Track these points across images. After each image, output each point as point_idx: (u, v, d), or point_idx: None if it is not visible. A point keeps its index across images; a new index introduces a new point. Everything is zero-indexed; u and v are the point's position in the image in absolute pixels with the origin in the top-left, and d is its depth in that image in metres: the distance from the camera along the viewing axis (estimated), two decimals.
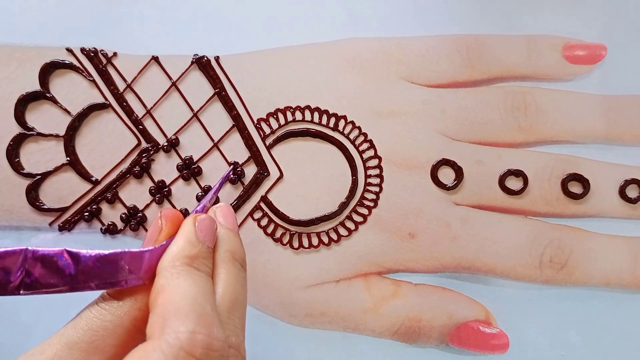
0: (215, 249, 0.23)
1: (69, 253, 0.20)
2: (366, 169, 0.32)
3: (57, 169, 0.31)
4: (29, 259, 0.20)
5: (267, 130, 0.32)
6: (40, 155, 0.31)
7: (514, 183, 0.32)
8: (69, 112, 0.31)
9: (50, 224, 0.31)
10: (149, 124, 0.31)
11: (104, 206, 0.31)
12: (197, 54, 0.32)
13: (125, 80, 0.31)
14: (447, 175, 0.32)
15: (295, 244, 0.31)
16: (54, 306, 0.27)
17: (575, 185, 0.32)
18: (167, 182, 0.31)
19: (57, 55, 0.31)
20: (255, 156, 0.32)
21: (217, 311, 0.20)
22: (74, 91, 0.31)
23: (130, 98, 0.31)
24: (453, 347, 0.31)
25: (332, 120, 0.32)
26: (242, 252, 0.24)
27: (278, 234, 0.31)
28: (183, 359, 0.18)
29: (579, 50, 0.33)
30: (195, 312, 0.19)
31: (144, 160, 0.31)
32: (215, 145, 0.31)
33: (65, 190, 0.31)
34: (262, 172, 0.32)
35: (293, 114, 0.32)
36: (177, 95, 0.32)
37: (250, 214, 0.31)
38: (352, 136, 0.32)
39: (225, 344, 0.19)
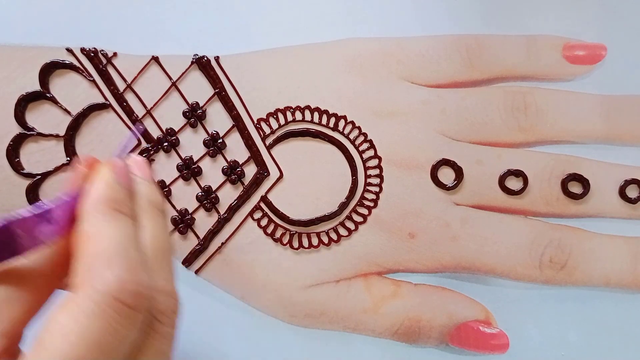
0: (134, 199, 0.23)
1: None
2: (366, 169, 0.32)
3: (57, 169, 0.31)
4: None
5: (267, 130, 0.32)
6: (40, 155, 0.31)
7: (514, 183, 0.32)
8: (69, 112, 0.31)
9: None
10: (149, 124, 0.31)
11: None
12: (197, 54, 0.32)
13: (125, 80, 0.31)
14: (447, 175, 0.32)
15: (295, 244, 0.31)
16: None
17: (575, 185, 0.32)
18: (167, 182, 0.31)
19: (57, 55, 0.31)
20: (255, 156, 0.32)
21: (144, 257, 0.20)
22: (74, 91, 0.31)
23: (130, 98, 0.31)
24: (453, 347, 0.31)
25: (332, 120, 0.32)
26: (161, 199, 0.23)
27: (278, 234, 0.31)
28: (113, 306, 0.18)
29: (579, 50, 0.33)
30: (121, 256, 0.19)
31: None
32: (215, 144, 0.31)
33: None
34: (262, 172, 0.32)
35: (293, 114, 0.32)
36: (177, 95, 0.32)
37: (250, 214, 0.31)
38: (352, 136, 0.32)
39: (153, 289, 0.19)
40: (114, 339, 0.18)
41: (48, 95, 0.31)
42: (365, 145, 0.32)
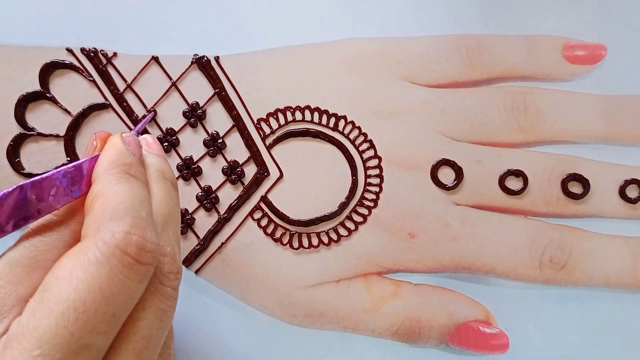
0: (145, 169, 0.24)
1: None
2: (366, 169, 0.32)
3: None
4: None
5: (267, 130, 0.32)
6: (40, 155, 0.31)
7: (514, 183, 0.32)
8: (69, 112, 0.31)
9: None
10: (149, 124, 0.31)
11: None
12: (197, 54, 0.32)
13: (125, 80, 0.31)
14: (447, 175, 0.32)
15: (295, 244, 0.31)
16: None
17: (575, 185, 0.32)
18: None
19: (57, 55, 0.31)
20: (255, 156, 0.32)
21: (152, 219, 0.21)
22: (74, 91, 0.31)
23: (130, 98, 0.31)
24: (453, 347, 0.31)
25: (332, 120, 0.32)
26: (171, 172, 0.24)
27: (278, 234, 0.31)
28: (118, 257, 0.19)
29: (579, 50, 0.33)
30: (131, 215, 0.20)
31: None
32: (215, 144, 0.31)
33: None
34: (262, 172, 0.32)
35: (293, 114, 0.32)
36: (177, 95, 0.32)
37: (250, 214, 0.31)
38: (352, 136, 0.32)
39: (158, 248, 0.20)
40: (116, 288, 0.19)
41: (48, 95, 0.31)
42: (365, 145, 0.32)
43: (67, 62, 0.31)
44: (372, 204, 0.32)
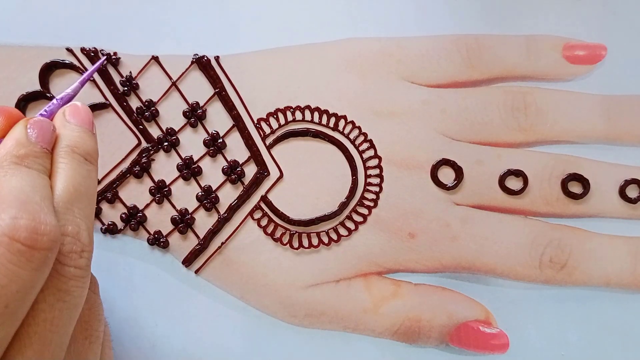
0: (55, 146, 0.23)
1: None
2: (366, 169, 0.32)
3: None
4: None
5: (267, 130, 0.32)
6: None
7: (514, 183, 0.32)
8: None
9: None
10: (149, 124, 0.31)
11: (104, 206, 0.31)
12: (197, 54, 0.32)
13: (132, 81, 0.31)
14: (447, 175, 0.32)
15: (295, 244, 0.31)
16: None
17: (575, 185, 0.32)
18: (167, 182, 0.31)
19: (57, 55, 0.31)
20: (255, 156, 0.32)
21: (50, 202, 0.20)
22: None
23: (130, 98, 0.31)
24: (453, 347, 0.31)
25: (332, 120, 0.32)
26: (86, 145, 0.23)
27: (278, 234, 0.31)
28: (6, 245, 0.18)
29: (579, 50, 0.33)
30: (19, 200, 0.19)
31: (144, 160, 0.31)
32: (215, 144, 0.31)
33: None
34: (262, 172, 0.32)
35: (293, 114, 0.32)
36: (177, 95, 0.32)
37: (250, 214, 0.31)
38: (352, 136, 0.32)
39: (57, 229, 0.19)
40: (5, 278, 0.18)
41: (48, 95, 0.31)
42: (365, 145, 0.32)
43: (67, 62, 0.31)
44: (372, 204, 0.32)
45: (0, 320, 0.18)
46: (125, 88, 0.31)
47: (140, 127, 0.31)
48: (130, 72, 0.31)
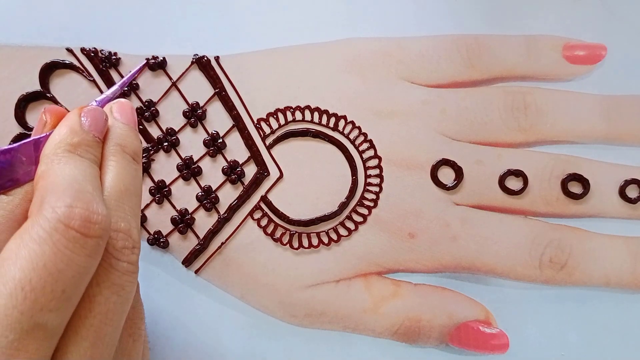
0: (105, 142, 0.23)
1: None
2: (366, 169, 0.32)
3: None
4: None
5: (267, 130, 0.32)
6: None
7: (514, 183, 0.32)
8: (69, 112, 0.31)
9: None
10: (149, 124, 0.31)
11: None
12: (197, 54, 0.32)
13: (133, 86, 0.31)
14: (447, 175, 0.32)
15: (295, 244, 0.31)
16: None
17: (575, 185, 0.32)
18: (167, 182, 0.31)
19: (57, 55, 0.31)
20: (255, 156, 0.32)
21: (100, 193, 0.21)
22: (74, 91, 0.31)
23: (130, 98, 0.31)
24: (453, 347, 0.31)
25: (332, 120, 0.32)
26: (134, 145, 0.24)
27: (278, 234, 0.31)
28: (62, 232, 0.18)
29: (579, 50, 0.33)
30: (74, 188, 0.20)
31: (144, 160, 0.31)
32: (215, 144, 0.31)
33: None
34: (262, 172, 0.32)
35: (293, 114, 0.32)
36: (177, 95, 0.32)
37: (250, 214, 0.31)
38: (352, 136, 0.32)
39: (107, 219, 0.20)
40: (62, 264, 0.18)
41: (48, 95, 0.31)
42: (365, 145, 0.32)
43: (67, 62, 0.31)
44: (372, 204, 0.32)
45: (57, 305, 0.18)
46: (126, 88, 0.31)
47: (140, 127, 0.31)
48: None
